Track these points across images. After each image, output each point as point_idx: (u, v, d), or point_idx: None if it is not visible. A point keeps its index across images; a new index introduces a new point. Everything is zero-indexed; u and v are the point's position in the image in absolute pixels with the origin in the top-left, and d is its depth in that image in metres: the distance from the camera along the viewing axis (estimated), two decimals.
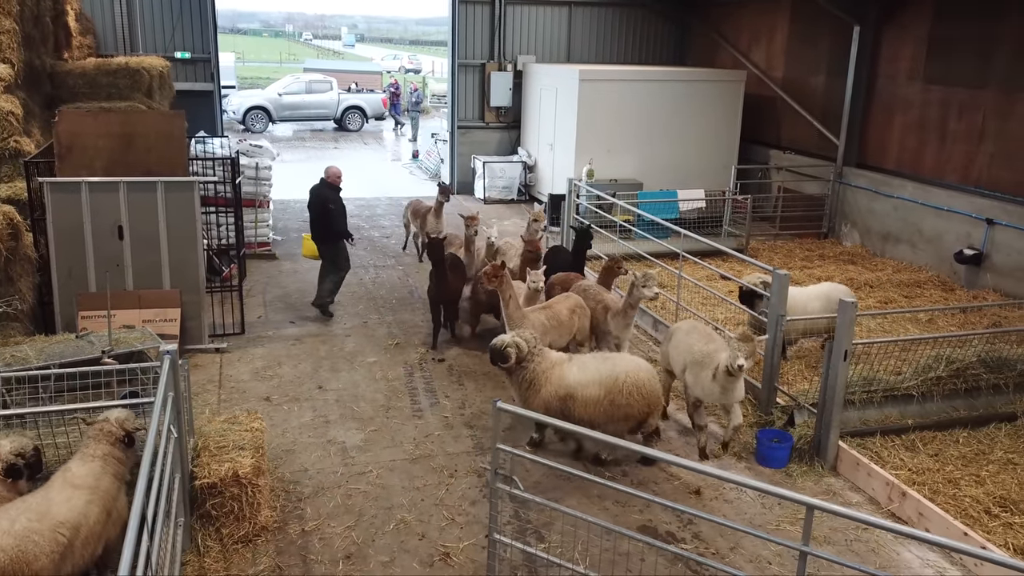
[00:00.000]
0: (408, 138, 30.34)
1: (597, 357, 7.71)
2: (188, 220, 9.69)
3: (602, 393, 7.29)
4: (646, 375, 7.42)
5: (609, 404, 7.29)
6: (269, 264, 13.68)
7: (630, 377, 7.32)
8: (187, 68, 17.78)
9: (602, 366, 7.45)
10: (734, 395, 7.59)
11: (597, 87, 16.49)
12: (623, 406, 7.28)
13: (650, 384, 7.41)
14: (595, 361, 7.57)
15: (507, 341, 7.48)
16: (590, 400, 7.30)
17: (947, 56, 13.55)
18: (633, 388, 7.29)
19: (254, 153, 14.07)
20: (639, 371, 7.42)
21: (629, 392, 7.27)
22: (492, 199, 18.93)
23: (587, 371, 7.42)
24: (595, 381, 7.33)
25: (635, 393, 7.28)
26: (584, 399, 7.31)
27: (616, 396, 7.27)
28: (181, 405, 5.95)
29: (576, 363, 7.54)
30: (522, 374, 7.47)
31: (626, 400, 7.27)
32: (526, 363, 7.45)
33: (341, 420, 8.43)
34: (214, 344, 10.08)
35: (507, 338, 7.54)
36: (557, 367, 7.47)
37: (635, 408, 7.31)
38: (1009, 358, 8.53)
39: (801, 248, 15.07)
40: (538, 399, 7.40)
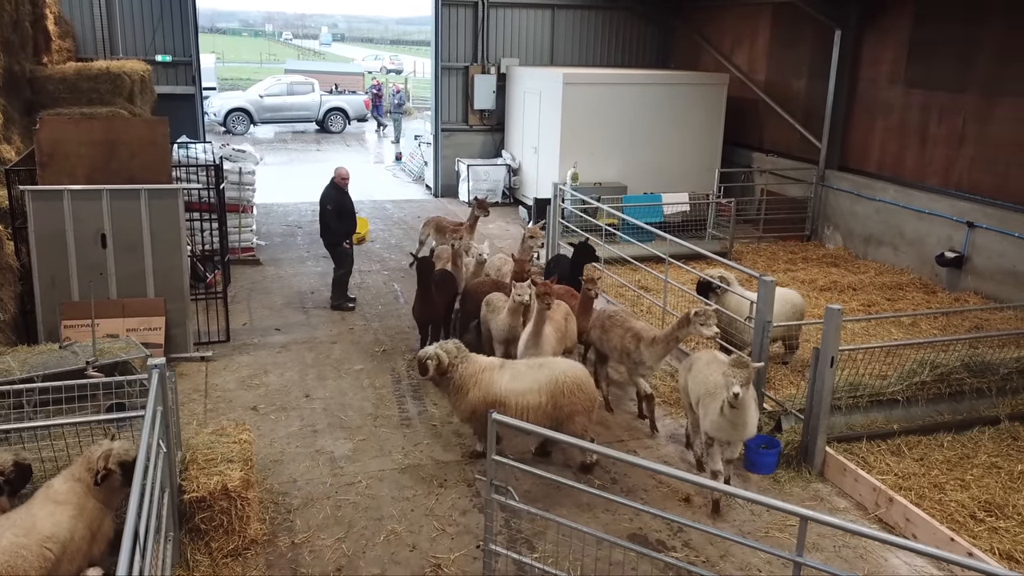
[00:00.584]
0: (391, 140, 30.28)
1: (531, 364, 7.74)
2: (172, 227, 9.61)
3: (544, 399, 7.39)
4: (582, 372, 7.65)
5: (553, 408, 7.39)
6: (253, 270, 13.59)
7: (569, 377, 7.46)
8: (168, 71, 17.64)
9: (538, 373, 7.54)
10: (746, 432, 7.01)
11: (581, 90, 16.51)
12: (567, 406, 7.41)
13: (587, 381, 7.60)
14: (530, 369, 7.62)
15: (429, 353, 7.63)
16: (530, 407, 7.37)
17: (928, 60, 13.69)
18: (575, 387, 7.43)
19: (237, 158, 13.98)
20: (574, 369, 7.61)
21: (571, 391, 7.41)
22: None
23: (522, 380, 7.51)
24: (533, 389, 7.43)
25: (577, 392, 7.42)
26: (521, 407, 7.37)
27: (559, 398, 7.39)
28: (170, 419, 5.90)
29: (508, 371, 7.63)
30: (449, 383, 7.63)
31: (569, 400, 7.40)
32: (451, 372, 7.58)
33: (329, 429, 8.39)
34: (199, 352, 10.01)
35: (430, 350, 7.67)
36: (486, 372, 7.60)
37: (579, 406, 7.44)
38: (992, 362, 8.62)
39: (784, 251, 15.17)
40: (465, 403, 7.55)
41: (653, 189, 16.46)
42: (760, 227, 16.04)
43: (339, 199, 11.44)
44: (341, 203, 11.44)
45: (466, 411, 7.58)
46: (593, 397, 7.59)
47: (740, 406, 6.70)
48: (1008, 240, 12.04)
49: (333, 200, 11.39)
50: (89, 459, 5.34)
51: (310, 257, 14.48)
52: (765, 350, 8.29)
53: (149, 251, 9.55)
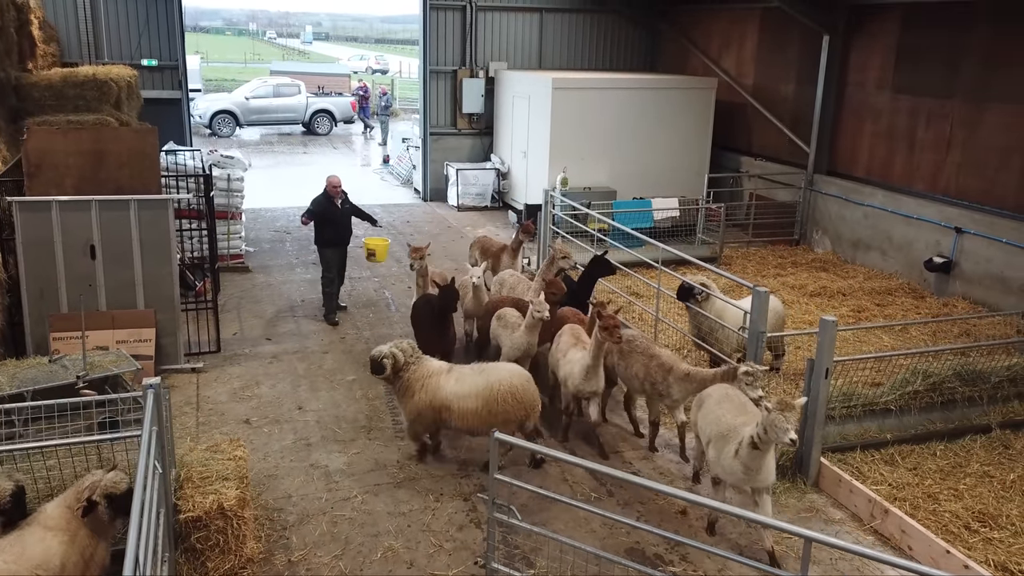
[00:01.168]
0: (378, 142, 30.19)
1: (475, 369, 7.92)
2: (162, 238, 9.54)
3: (480, 404, 7.56)
4: (519, 380, 7.70)
5: (487, 413, 7.54)
6: (242, 277, 13.51)
7: (503, 384, 7.58)
8: (154, 75, 17.49)
9: (478, 378, 7.71)
10: (760, 476, 6.48)
11: (570, 95, 16.51)
12: (500, 413, 7.54)
13: (524, 389, 7.66)
14: (472, 374, 7.80)
15: (384, 352, 7.75)
16: (468, 412, 7.57)
17: (915, 66, 13.76)
18: (508, 395, 7.55)
19: (226, 164, 13.90)
20: (512, 378, 7.69)
21: (504, 399, 7.55)
22: (466, 206, 18.88)
23: (464, 384, 7.69)
24: (472, 393, 7.61)
25: (510, 399, 7.55)
26: (461, 411, 7.59)
27: (493, 404, 7.54)
28: (165, 439, 5.84)
29: (455, 375, 7.81)
30: (399, 383, 7.81)
31: (502, 407, 7.54)
32: (403, 372, 7.77)
33: (323, 442, 8.34)
34: (190, 364, 9.93)
35: (384, 349, 7.79)
36: (434, 376, 7.75)
37: (512, 413, 7.58)
38: (983, 371, 8.68)
39: (774, 255, 15.23)
40: (412, 405, 7.75)
41: (642, 193, 16.49)
42: (749, 231, 16.09)
43: (323, 205, 11.40)
44: (324, 209, 11.38)
45: (412, 413, 7.79)
46: (529, 405, 7.71)
47: (762, 449, 6.26)
48: (996, 246, 12.13)
49: (317, 205, 11.43)
50: (79, 488, 5.27)
51: (299, 264, 14.41)
52: (759, 360, 8.29)
53: (139, 262, 9.47)
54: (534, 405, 7.77)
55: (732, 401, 7.03)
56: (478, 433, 7.77)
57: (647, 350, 8.29)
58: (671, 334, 10.92)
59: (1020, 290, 11.83)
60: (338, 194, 11.49)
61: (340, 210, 11.52)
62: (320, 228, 11.43)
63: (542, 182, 16.65)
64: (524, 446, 5.82)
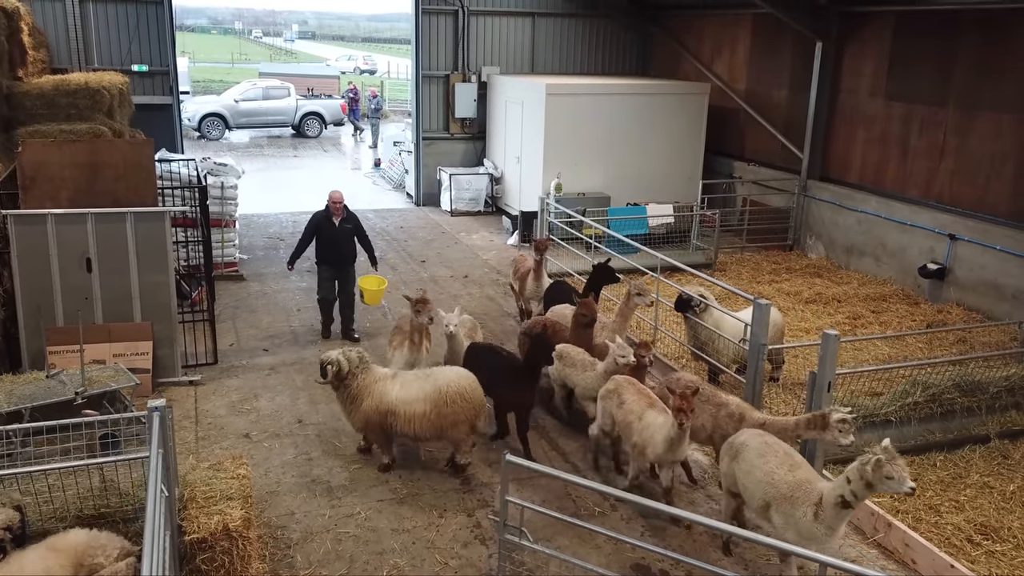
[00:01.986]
0: (368, 145, 30.10)
1: (420, 375, 7.99)
2: (159, 250, 9.48)
3: (428, 407, 7.65)
4: (467, 382, 7.80)
5: (436, 416, 7.63)
6: (237, 286, 13.43)
7: (452, 386, 7.67)
8: (144, 81, 17.35)
9: (424, 383, 7.80)
10: (838, 536, 5.94)
11: (564, 100, 16.50)
12: (450, 415, 7.62)
13: (472, 390, 7.75)
14: (417, 379, 7.89)
15: (331, 358, 7.83)
16: (416, 416, 7.65)
17: (908, 73, 13.84)
18: (457, 396, 7.64)
19: (219, 172, 13.81)
20: (460, 379, 7.80)
21: (453, 400, 7.62)
22: (459, 211, 18.85)
23: (410, 389, 7.77)
24: (419, 398, 7.70)
25: (459, 400, 7.64)
26: (408, 416, 7.67)
27: (442, 407, 7.63)
28: (171, 461, 5.80)
29: (399, 381, 7.90)
30: (346, 391, 7.85)
31: (451, 409, 7.63)
32: (349, 381, 7.83)
33: (324, 457, 8.30)
34: (187, 376, 9.87)
35: (332, 355, 7.87)
36: (380, 383, 7.84)
37: (462, 415, 7.67)
38: (982, 381, 8.74)
39: (768, 261, 15.28)
40: (359, 413, 7.82)
41: (636, 199, 16.51)
42: (743, 237, 16.14)
43: (320, 221, 11.06)
44: (320, 225, 11.03)
45: (360, 421, 7.88)
46: (477, 406, 7.79)
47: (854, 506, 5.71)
48: (990, 253, 12.21)
49: (313, 220, 11.18)
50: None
51: (294, 272, 14.26)
52: (760, 373, 8.32)
53: (135, 274, 9.41)
54: (482, 405, 7.89)
55: (775, 451, 6.34)
56: (427, 439, 7.87)
57: (712, 397, 7.58)
58: (669, 343, 10.93)
59: (1014, 297, 11.91)
60: (339, 211, 11.07)
61: (337, 229, 11.06)
62: (317, 244, 11.18)
63: (536, 188, 16.65)
64: (537, 469, 5.78)
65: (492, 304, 13.01)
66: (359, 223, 11.39)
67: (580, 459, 8.48)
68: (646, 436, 7.15)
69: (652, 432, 7.09)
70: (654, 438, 7.05)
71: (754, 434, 6.67)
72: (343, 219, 11.11)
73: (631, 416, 7.37)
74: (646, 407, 7.33)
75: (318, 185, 22.24)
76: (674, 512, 6.00)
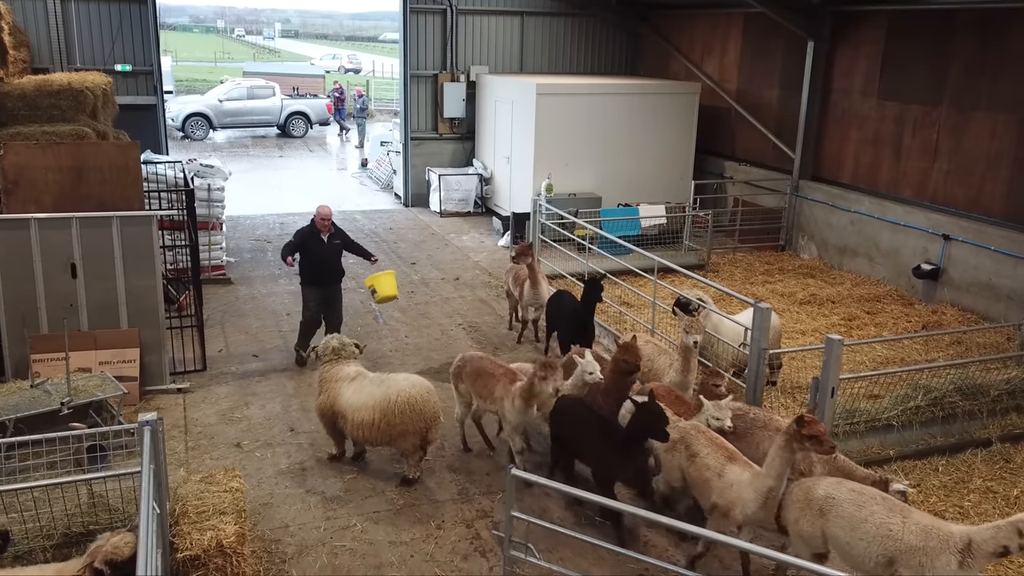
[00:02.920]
0: (354, 144, 29.85)
1: (374, 380, 7.84)
2: (146, 255, 9.27)
3: (376, 416, 7.52)
4: (418, 391, 7.62)
5: (385, 425, 7.50)
6: (225, 290, 13.20)
7: (402, 397, 7.50)
8: (128, 81, 17.06)
9: (376, 390, 7.67)
10: None
11: (554, 100, 16.35)
12: (398, 425, 7.47)
13: (423, 400, 7.56)
14: (371, 385, 7.76)
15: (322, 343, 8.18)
16: (364, 423, 7.56)
17: (901, 73, 13.78)
18: (406, 407, 7.47)
19: (206, 174, 13.58)
20: (411, 388, 7.62)
21: (402, 411, 7.46)
22: (448, 212, 18.66)
23: (361, 395, 7.69)
24: (368, 405, 7.58)
25: (408, 411, 7.47)
26: (357, 422, 7.60)
27: (391, 417, 7.50)
28: (163, 477, 5.60)
29: (355, 385, 7.80)
30: (317, 375, 8.12)
31: (400, 420, 7.48)
32: (321, 364, 8.05)
33: (318, 467, 8.12)
34: (176, 384, 9.64)
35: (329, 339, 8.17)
36: (338, 383, 7.82)
37: (411, 426, 7.51)
38: (983, 384, 8.66)
39: (760, 262, 15.19)
40: (316, 403, 8.01)
41: (627, 199, 16.38)
42: (736, 237, 16.04)
43: (306, 238, 10.13)
44: (307, 243, 10.10)
45: (316, 410, 8.05)
46: (429, 416, 7.60)
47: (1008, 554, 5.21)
48: (984, 253, 12.17)
49: (299, 236, 10.23)
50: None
51: (282, 275, 14.10)
52: (761, 378, 8.21)
53: (122, 280, 9.19)
54: (435, 416, 7.70)
55: (873, 498, 5.70)
56: (379, 444, 7.80)
57: (769, 422, 7.01)
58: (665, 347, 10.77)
59: (1008, 298, 11.87)
60: (326, 228, 10.16)
61: (326, 246, 10.19)
62: (302, 262, 10.19)
63: (527, 188, 16.50)
64: (545, 484, 5.63)
65: (485, 307, 12.85)
66: (345, 235, 10.66)
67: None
68: (731, 496, 6.19)
69: (742, 491, 6.13)
70: (743, 496, 6.10)
71: (833, 483, 5.93)
72: (331, 235, 10.27)
73: (708, 472, 6.43)
74: (725, 462, 6.39)
75: (305, 186, 22.05)
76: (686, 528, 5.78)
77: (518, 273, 11.42)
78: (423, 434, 7.65)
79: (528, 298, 11.07)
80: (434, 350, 11.13)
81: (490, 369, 8.01)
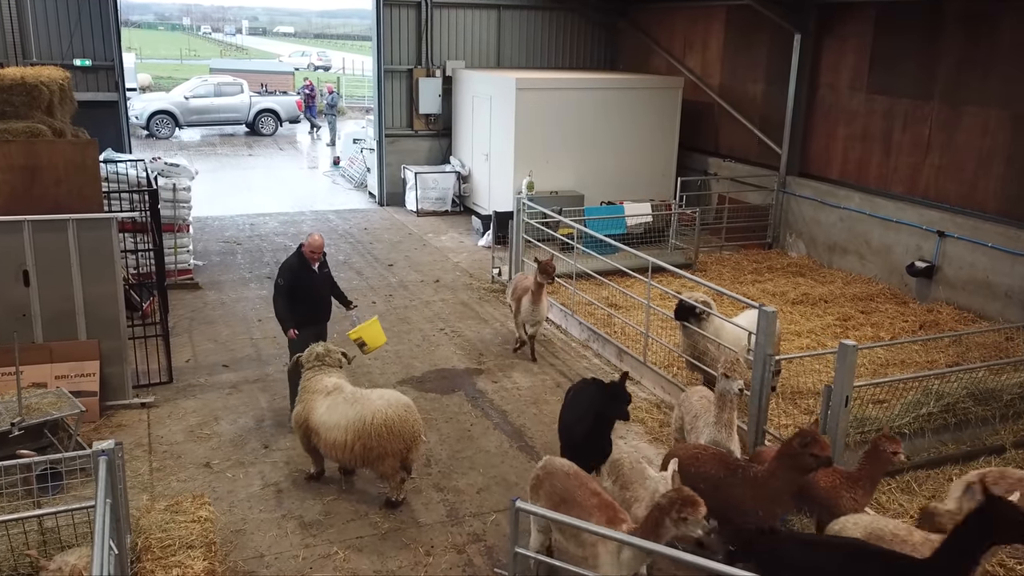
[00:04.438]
0: (326, 142, 29.14)
1: (348, 398, 7.19)
2: (105, 260, 8.61)
3: (350, 438, 6.93)
4: (396, 411, 6.99)
5: (362, 448, 6.93)
6: (193, 295, 12.52)
7: (378, 417, 6.91)
8: (88, 77, 16.28)
9: (349, 409, 7.05)
10: None
11: (535, 95, 15.83)
12: (375, 448, 6.89)
13: (402, 420, 6.99)
14: (344, 404, 7.12)
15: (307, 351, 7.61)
16: (336, 444, 7.01)
17: (890, 66, 13.42)
18: (383, 428, 6.88)
19: (170, 173, 12.89)
20: (389, 408, 7.00)
21: (379, 434, 6.88)
22: (425, 211, 18.08)
23: (335, 413, 7.08)
24: (340, 425, 6.99)
25: (386, 434, 6.89)
26: (329, 441, 7.06)
27: (367, 440, 6.90)
28: (121, 510, 5.01)
29: (329, 400, 7.19)
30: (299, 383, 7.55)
31: (378, 443, 6.88)
32: (303, 371, 7.53)
33: (295, 488, 7.52)
34: (139, 398, 8.99)
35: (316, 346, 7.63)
36: (314, 395, 7.29)
37: (390, 448, 6.94)
38: (996, 389, 8.28)
39: (748, 260, 14.78)
40: (294, 412, 7.48)
41: (609, 197, 15.92)
42: (722, 236, 15.63)
43: (297, 273, 8.41)
44: (298, 279, 8.40)
45: (292, 421, 7.51)
46: (409, 437, 7.02)
47: None
48: (980, 250, 11.84)
49: (288, 274, 8.41)
50: None
51: (253, 278, 13.46)
52: (766, 385, 7.76)
53: (79, 287, 8.52)
54: (415, 437, 7.10)
55: None
56: (355, 467, 7.32)
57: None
58: (658, 350, 10.32)
59: (1006, 295, 11.55)
60: (317, 259, 8.60)
61: (318, 276, 8.62)
62: (293, 303, 8.44)
63: (507, 186, 15.98)
64: (550, 517, 5.08)
65: (468, 311, 12.30)
66: (328, 267, 9.08)
67: None
68: None
69: None
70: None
71: None
72: (320, 264, 8.69)
73: None
74: None
75: (275, 185, 21.36)
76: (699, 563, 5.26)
77: (518, 285, 10.60)
78: (403, 455, 7.07)
79: (526, 314, 10.27)
80: (415, 357, 10.57)
81: (579, 496, 5.63)
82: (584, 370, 10.27)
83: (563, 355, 10.78)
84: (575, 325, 11.43)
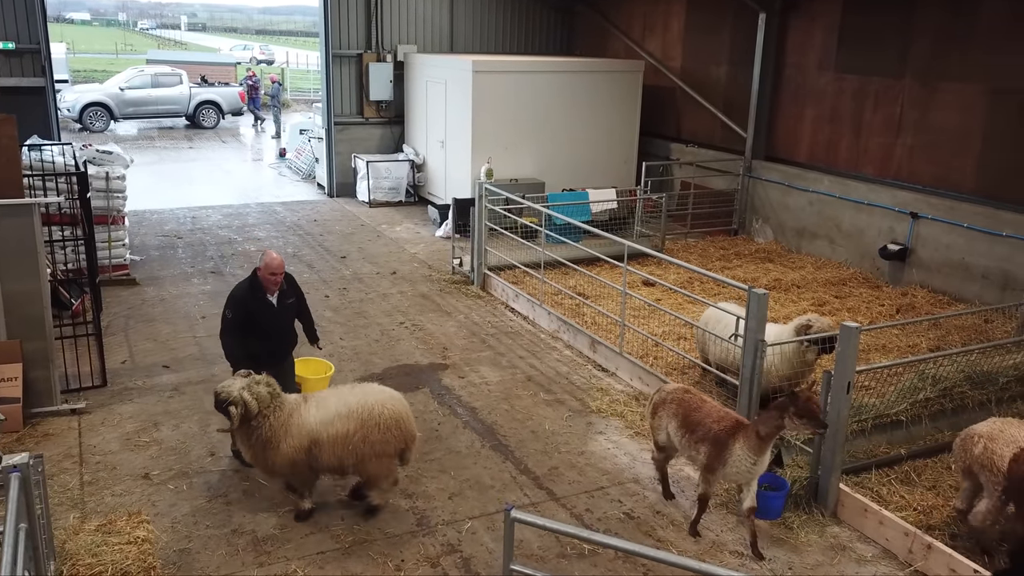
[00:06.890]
0: (271, 135, 28.09)
1: (338, 390, 6.51)
2: (27, 252, 7.71)
3: (354, 427, 6.15)
4: (402, 407, 6.40)
5: (362, 441, 6.15)
6: (129, 292, 11.59)
7: (387, 409, 6.26)
8: (11, 61, 15.16)
9: (349, 397, 6.32)
10: None
11: (492, 79, 15.18)
12: (378, 443, 6.19)
13: (408, 416, 6.42)
14: (335, 395, 6.40)
15: (233, 395, 6.05)
16: (338, 438, 6.15)
17: (860, 45, 13.06)
18: (392, 423, 6.25)
19: (103, 161, 11.92)
20: (394, 401, 6.38)
21: (387, 427, 6.22)
22: (378, 202, 17.30)
23: (327, 407, 6.25)
24: (342, 415, 6.18)
25: (394, 428, 6.27)
26: (331, 439, 6.16)
27: (372, 431, 6.16)
28: (39, 536, 4.23)
29: (313, 402, 6.34)
30: (254, 434, 6.14)
31: (383, 436, 6.20)
32: (258, 421, 6.12)
33: (246, 499, 6.75)
34: (69, 404, 8.10)
35: (234, 391, 6.07)
36: (295, 414, 6.22)
37: (391, 446, 6.30)
38: (992, 371, 7.89)
39: (715, 247, 14.34)
40: (280, 457, 6.16)
41: (571, 184, 15.37)
42: (688, 222, 15.16)
43: (246, 302, 6.94)
44: (247, 309, 6.94)
45: (284, 466, 6.21)
46: (409, 435, 6.40)
47: None
48: (956, 231, 11.53)
49: (235, 304, 6.95)
50: None
51: (195, 273, 12.56)
52: (758, 374, 7.23)
53: None
54: (413, 434, 6.50)
55: None
56: (347, 469, 6.30)
57: None
58: (632, 339, 9.75)
59: (984, 277, 11.26)
60: (275, 285, 7.01)
61: (276, 311, 7.07)
62: (239, 340, 6.98)
63: (464, 174, 15.33)
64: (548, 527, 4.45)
65: (428, 303, 11.59)
66: (300, 290, 7.41)
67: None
68: None
69: None
70: None
71: None
72: (281, 293, 7.11)
73: None
74: None
75: (220, 178, 20.39)
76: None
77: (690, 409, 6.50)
78: (401, 454, 6.42)
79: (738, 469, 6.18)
80: (374, 353, 9.84)
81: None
82: (556, 362, 9.67)
83: (532, 347, 10.16)
84: (544, 316, 10.81)
